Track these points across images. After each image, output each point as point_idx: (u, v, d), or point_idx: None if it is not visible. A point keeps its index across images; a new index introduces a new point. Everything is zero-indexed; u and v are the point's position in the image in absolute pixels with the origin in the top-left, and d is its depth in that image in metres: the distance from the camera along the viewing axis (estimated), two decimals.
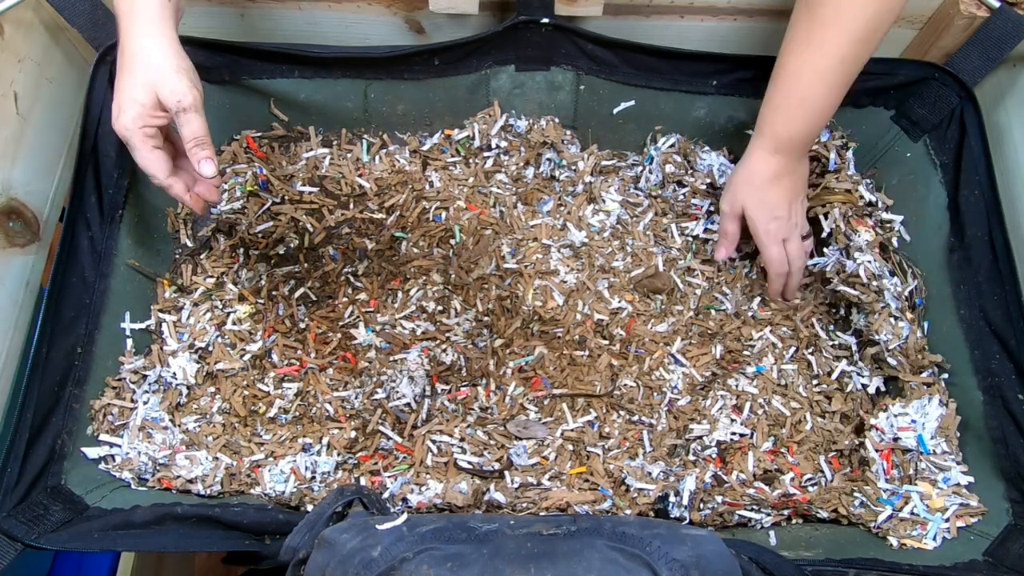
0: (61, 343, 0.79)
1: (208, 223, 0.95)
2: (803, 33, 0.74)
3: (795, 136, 0.80)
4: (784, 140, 0.80)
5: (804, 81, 0.76)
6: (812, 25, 0.73)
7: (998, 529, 0.75)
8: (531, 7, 0.86)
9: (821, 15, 0.72)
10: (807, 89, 0.76)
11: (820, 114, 0.78)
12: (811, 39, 0.74)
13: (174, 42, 0.71)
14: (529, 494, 0.80)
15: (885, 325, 0.86)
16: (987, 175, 0.83)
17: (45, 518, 0.71)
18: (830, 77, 0.75)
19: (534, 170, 0.99)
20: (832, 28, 0.72)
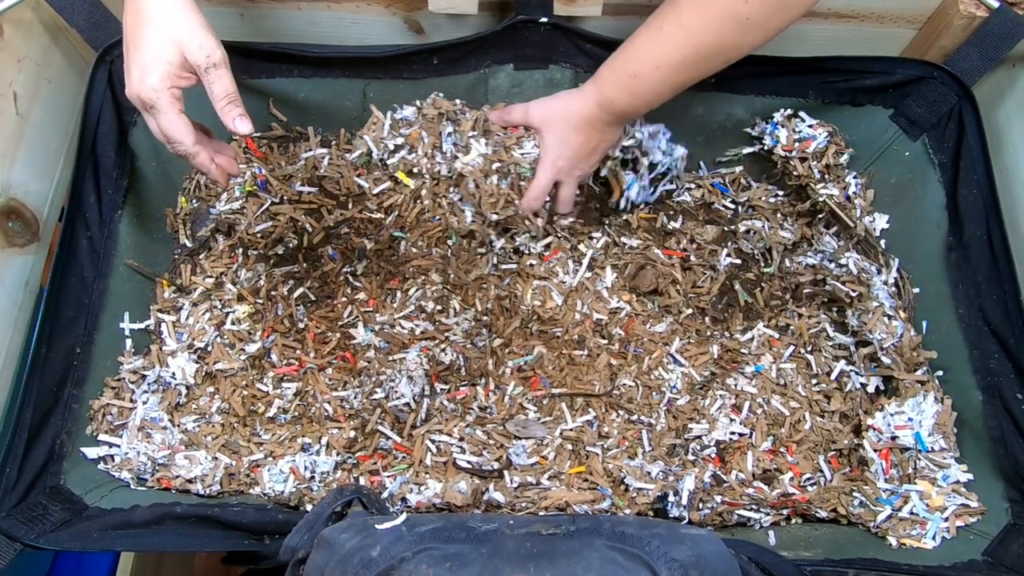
0: (60, 343, 0.79)
1: (207, 223, 0.95)
2: (661, 19, 0.75)
3: (617, 103, 0.80)
4: (607, 101, 0.81)
5: (644, 61, 0.77)
6: (670, 15, 0.74)
7: (997, 529, 0.75)
8: (530, 7, 0.86)
9: (681, 7, 0.72)
10: (642, 68, 0.77)
11: (648, 96, 0.79)
12: (664, 27, 0.74)
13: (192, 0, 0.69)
14: (528, 494, 0.80)
15: (879, 324, 0.86)
16: (986, 174, 0.83)
17: (44, 518, 0.71)
18: (666, 69, 0.76)
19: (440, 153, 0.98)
20: (684, 29, 0.73)
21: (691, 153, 1.01)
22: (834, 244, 0.95)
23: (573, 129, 0.85)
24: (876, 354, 0.86)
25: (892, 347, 0.85)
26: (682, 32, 0.73)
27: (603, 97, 0.81)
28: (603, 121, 0.83)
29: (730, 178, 1.01)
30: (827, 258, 0.94)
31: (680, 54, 0.74)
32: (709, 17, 0.71)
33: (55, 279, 0.79)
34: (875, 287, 0.89)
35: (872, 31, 0.93)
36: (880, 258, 0.92)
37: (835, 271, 0.92)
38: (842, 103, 0.92)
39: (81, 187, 0.83)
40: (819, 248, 0.96)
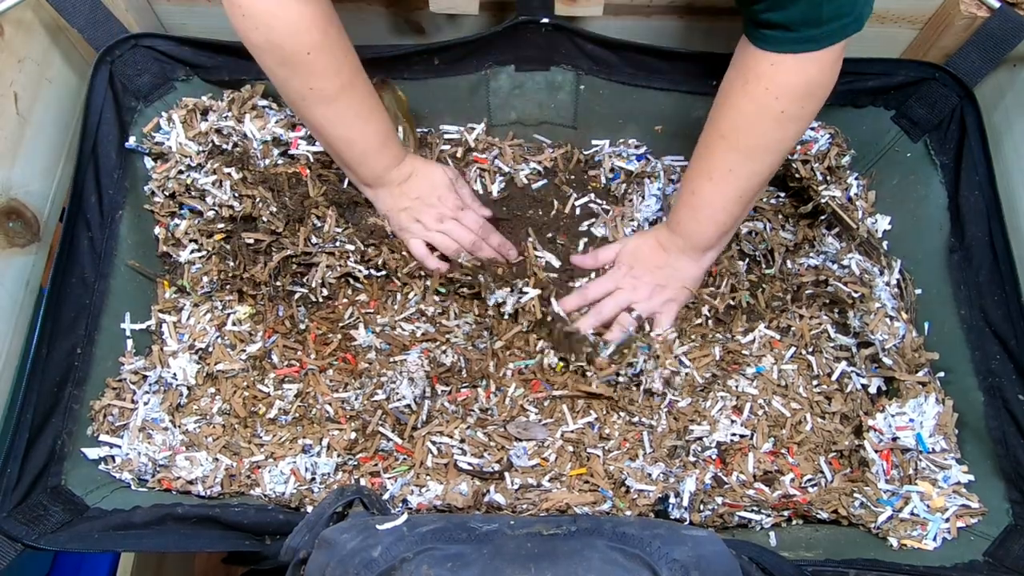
0: (61, 343, 0.79)
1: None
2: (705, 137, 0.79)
3: (684, 224, 0.84)
4: (675, 223, 0.85)
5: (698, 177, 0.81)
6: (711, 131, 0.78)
7: (998, 530, 0.75)
8: (531, 7, 0.86)
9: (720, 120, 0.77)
10: (697, 183, 0.81)
11: (709, 211, 0.81)
12: (708, 143, 0.78)
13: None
14: (529, 495, 0.80)
15: (880, 325, 0.86)
16: (987, 175, 0.83)
17: (45, 519, 0.71)
18: (719, 179, 0.79)
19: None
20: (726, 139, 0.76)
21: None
22: (836, 245, 0.95)
23: (644, 250, 0.89)
24: (878, 355, 0.86)
25: (894, 348, 0.85)
26: (724, 142, 0.76)
27: (672, 221, 0.86)
28: (674, 244, 0.86)
29: None
30: (829, 259, 0.94)
31: (727, 161, 0.77)
32: (748, 122, 0.74)
33: (56, 279, 0.79)
34: (877, 288, 0.89)
35: (873, 32, 0.93)
36: (882, 259, 0.92)
37: (837, 272, 0.92)
38: (843, 105, 0.92)
39: (82, 187, 0.83)
40: (821, 249, 0.95)
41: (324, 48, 0.74)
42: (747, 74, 0.72)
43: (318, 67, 0.75)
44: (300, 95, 0.77)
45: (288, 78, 0.76)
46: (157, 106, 0.91)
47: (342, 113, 0.79)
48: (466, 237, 0.89)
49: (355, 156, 0.84)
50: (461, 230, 0.89)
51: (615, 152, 1.01)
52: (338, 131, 0.81)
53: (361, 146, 0.83)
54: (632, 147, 1.01)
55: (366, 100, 0.81)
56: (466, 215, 0.90)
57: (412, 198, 0.88)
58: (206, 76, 0.91)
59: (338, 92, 0.77)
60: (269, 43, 0.73)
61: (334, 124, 0.80)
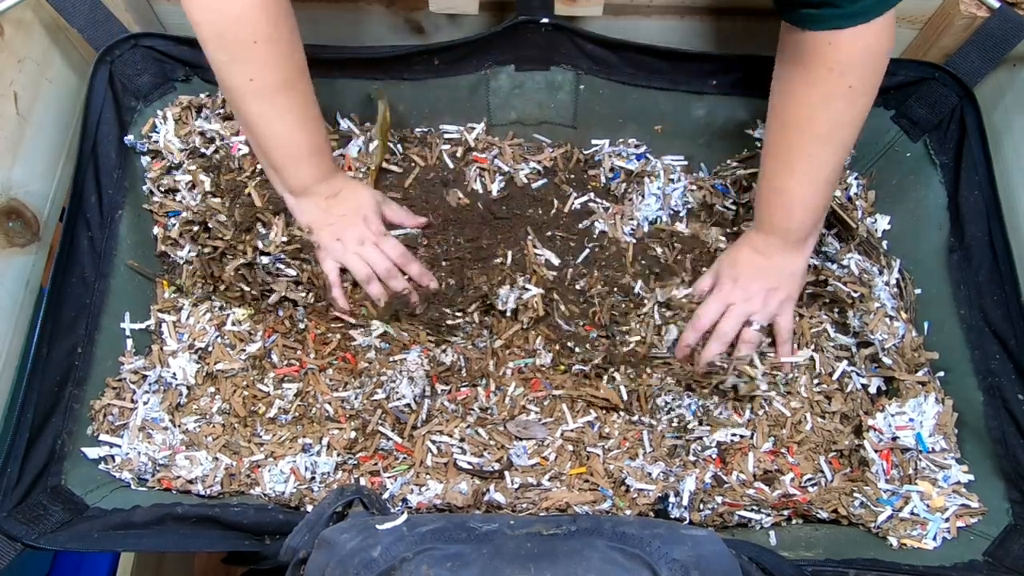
0: (61, 343, 0.79)
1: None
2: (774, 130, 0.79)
3: (774, 219, 0.82)
4: (764, 222, 0.84)
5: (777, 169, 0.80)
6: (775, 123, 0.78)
7: (998, 529, 0.75)
8: (531, 7, 0.86)
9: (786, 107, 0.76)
10: (778, 176, 0.80)
11: (798, 200, 0.80)
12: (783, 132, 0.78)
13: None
14: (529, 494, 0.80)
15: (880, 325, 0.86)
16: (987, 175, 0.83)
17: (45, 518, 0.71)
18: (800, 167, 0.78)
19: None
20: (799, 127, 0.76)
21: (693, 155, 1.01)
22: (836, 245, 0.95)
23: (741, 259, 0.86)
24: (877, 355, 0.86)
25: (894, 348, 0.85)
26: (798, 133, 0.76)
27: (760, 221, 0.84)
28: (771, 245, 0.84)
29: (731, 180, 1.01)
30: (828, 259, 0.94)
31: (806, 151, 0.76)
32: (818, 108, 0.73)
33: (56, 279, 0.79)
34: (877, 288, 0.89)
35: None
36: (882, 259, 0.92)
37: (837, 272, 0.92)
38: None
39: (82, 187, 0.83)
40: (820, 249, 0.95)
41: (272, 40, 0.72)
42: (804, 60, 0.71)
43: (261, 58, 0.72)
44: (239, 86, 0.74)
45: (228, 64, 0.73)
46: (156, 106, 0.91)
47: (279, 112, 0.77)
48: (381, 264, 0.86)
49: (285, 159, 0.80)
50: (378, 256, 0.86)
51: (615, 152, 1.01)
52: (272, 129, 0.77)
53: (293, 150, 0.80)
54: (632, 147, 1.01)
55: (306, 103, 0.79)
56: (387, 242, 0.87)
57: (337, 215, 0.85)
58: (206, 76, 0.91)
59: (278, 88, 0.75)
60: (215, 26, 0.70)
61: (269, 122, 0.77)
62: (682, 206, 0.99)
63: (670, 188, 0.98)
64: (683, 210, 0.99)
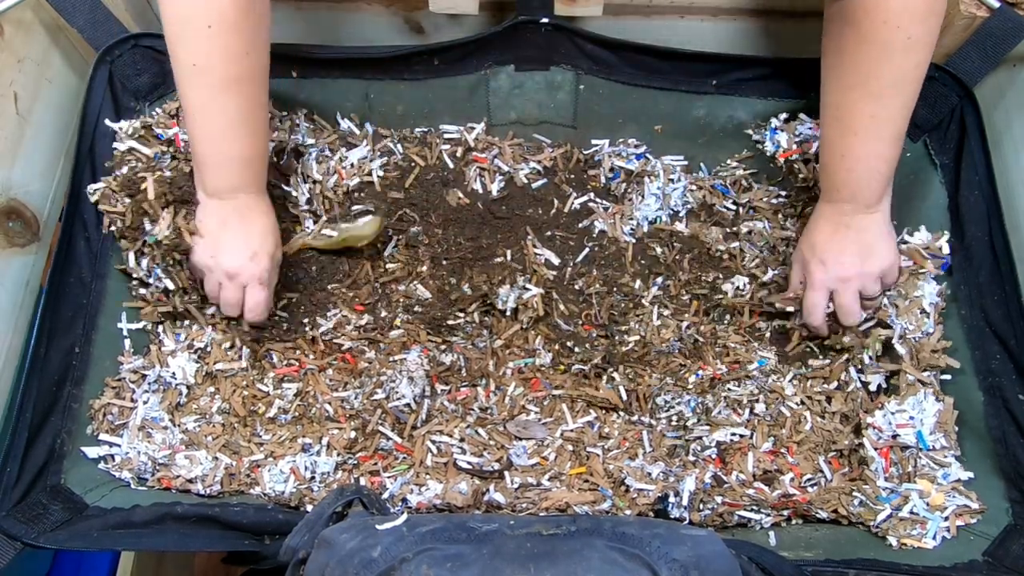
0: (59, 343, 0.79)
1: None
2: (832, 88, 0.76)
3: (842, 187, 0.80)
4: (832, 191, 0.81)
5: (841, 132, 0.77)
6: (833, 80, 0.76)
7: (998, 529, 0.75)
8: (531, 7, 0.86)
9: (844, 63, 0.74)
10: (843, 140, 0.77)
11: (866, 162, 0.78)
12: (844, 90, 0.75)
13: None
14: (529, 494, 0.80)
15: (910, 314, 0.85)
16: (987, 175, 0.83)
17: (45, 517, 0.71)
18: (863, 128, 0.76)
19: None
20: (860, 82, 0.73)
21: (693, 155, 1.01)
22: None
23: (820, 240, 0.83)
24: (891, 341, 0.85)
25: (913, 340, 0.85)
26: (857, 92, 0.74)
27: (827, 191, 0.81)
28: (843, 214, 0.81)
29: (731, 180, 1.01)
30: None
31: (868, 110, 0.74)
32: (876, 63, 0.71)
33: (54, 279, 0.79)
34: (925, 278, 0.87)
35: None
36: None
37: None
38: None
39: (80, 187, 0.83)
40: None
41: (231, 31, 0.68)
42: (856, 18, 0.69)
43: (211, 43, 0.68)
44: (183, 67, 0.70)
45: (178, 41, 0.70)
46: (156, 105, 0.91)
47: (219, 108, 0.72)
48: (227, 309, 0.83)
49: (209, 158, 0.76)
50: (233, 301, 0.82)
51: (615, 152, 1.01)
52: (207, 123, 0.73)
53: (222, 151, 0.75)
54: (632, 147, 1.01)
55: (251, 107, 0.74)
56: (255, 291, 0.81)
57: (231, 234, 0.79)
58: None
59: (224, 83, 0.71)
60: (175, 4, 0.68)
61: (204, 115, 0.73)
62: (682, 206, 0.99)
63: (670, 188, 0.98)
64: (683, 210, 0.99)
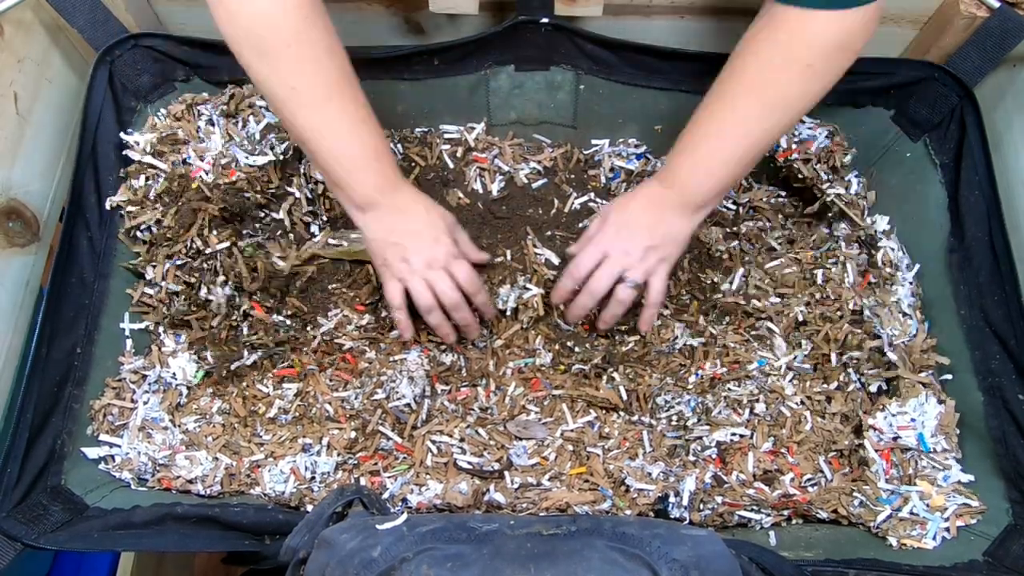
0: (61, 343, 0.79)
1: None
2: (720, 82, 0.75)
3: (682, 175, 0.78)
4: (670, 174, 0.79)
5: (706, 125, 0.76)
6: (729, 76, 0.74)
7: (998, 529, 0.75)
8: (531, 7, 0.86)
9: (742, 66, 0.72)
10: (706, 132, 0.76)
11: (714, 165, 0.76)
12: (725, 88, 0.74)
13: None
14: (529, 494, 0.80)
15: (892, 320, 0.86)
16: (987, 175, 0.83)
17: (45, 518, 0.71)
18: (731, 131, 0.74)
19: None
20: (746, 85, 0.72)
21: None
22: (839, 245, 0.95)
23: (632, 208, 0.81)
24: (883, 349, 0.86)
25: (902, 345, 0.85)
26: (743, 91, 0.72)
27: (665, 172, 0.80)
28: (666, 200, 0.79)
29: None
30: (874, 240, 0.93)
31: (744, 113, 0.73)
32: (773, 71, 0.70)
33: (55, 279, 0.79)
34: (899, 281, 0.88)
35: None
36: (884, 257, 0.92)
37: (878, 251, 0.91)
38: (843, 104, 0.92)
39: (81, 187, 0.83)
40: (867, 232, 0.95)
41: (306, 40, 0.68)
42: (775, 24, 0.69)
43: (299, 61, 0.68)
44: (282, 96, 0.70)
45: (268, 75, 0.69)
46: (156, 106, 0.91)
47: (330, 119, 0.72)
48: (449, 295, 0.81)
49: (343, 171, 0.75)
50: (446, 284, 0.81)
51: (615, 152, 1.02)
52: (326, 140, 0.73)
53: (351, 160, 0.75)
54: (632, 147, 1.01)
55: (356, 106, 0.74)
56: (459, 266, 0.81)
57: (404, 232, 0.79)
58: (206, 76, 0.91)
59: (323, 94, 0.71)
60: (246, 32, 0.67)
61: (322, 133, 0.73)
62: None
63: None
64: None
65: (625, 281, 0.81)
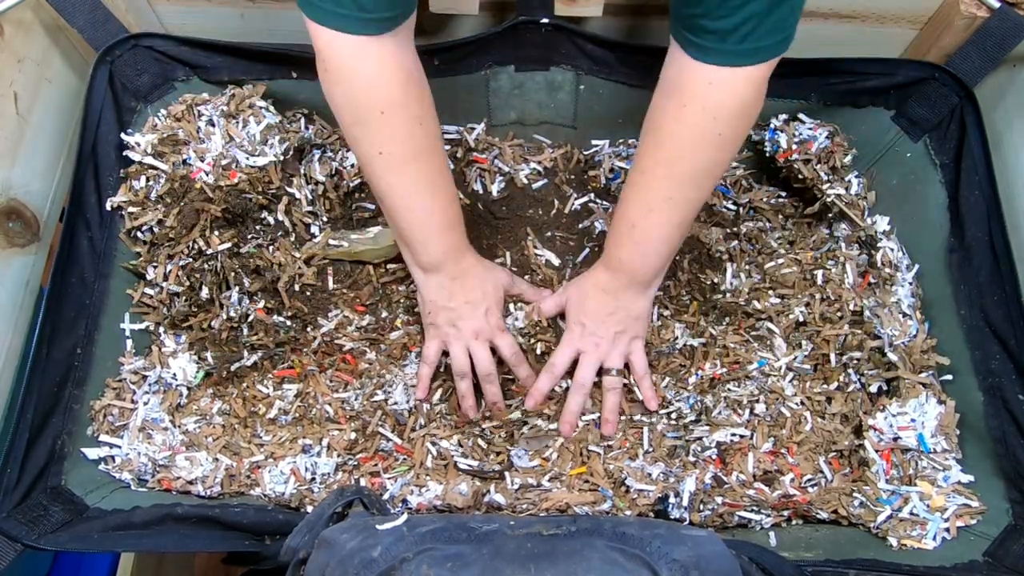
0: (61, 343, 0.79)
1: None
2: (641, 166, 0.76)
3: (624, 259, 0.81)
4: (614, 260, 0.82)
5: (634, 207, 0.78)
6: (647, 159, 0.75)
7: (998, 529, 0.75)
8: (531, 7, 0.86)
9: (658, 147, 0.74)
10: (635, 215, 0.78)
11: (652, 243, 0.79)
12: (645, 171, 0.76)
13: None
14: (529, 495, 0.80)
15: (893, 321, 0.86)
16: (987, 175, 0.83)
17: (45, 519, 0.71)
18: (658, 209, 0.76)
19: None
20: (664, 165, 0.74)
21: None
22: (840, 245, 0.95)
23: (587, 298, 0.85)
24: (883, 349, 0.86)
25: (902, 345, 0.85)
26: (662, 170, 0.74)
27: (609, 258, 0.83)
28: (617, 284, 0.83)
29: (731, 180, 1.01)
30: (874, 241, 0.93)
31: (666, 190, 0.75)
32: (687, 148, 0.72)
33: (56, 279, 0.79)
34: (898, 281, 0.88)
35: (872, 32, 0.93)
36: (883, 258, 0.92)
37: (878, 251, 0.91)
38: (843, 105, 0.92)
39: (81, 187, 0.83)
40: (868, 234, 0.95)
41: (401, 107, 0.71)
42: (682, 95, 0.70)
43: (390, 127, 0.71)
44: (370, 158, 0.74)
45: (360, 138, 0.73)
46: (156, 106, 0.91)
47: (410, 183, 0.75)
48: (485, 364, 0.83)
49: (415, 233, 0.78)
50: (486, 355, 0.83)
51: (615, 152, 1.02)
52: (403, 201, 0.76)
53: (424, 224, 0.78)
54: (632, 147, 1.01)
55: (437, 173, 0.77)
56: (503, 339, 0.84)
57: (460, 301, 0.82)
58: (206, 76, 0.91)
59: (408, 159, 0.74)
60: (347, 98, 0.70)
61: (400, 195, 0.76)
62: None
63: None
64: None
65: (609, 372, 0.85)
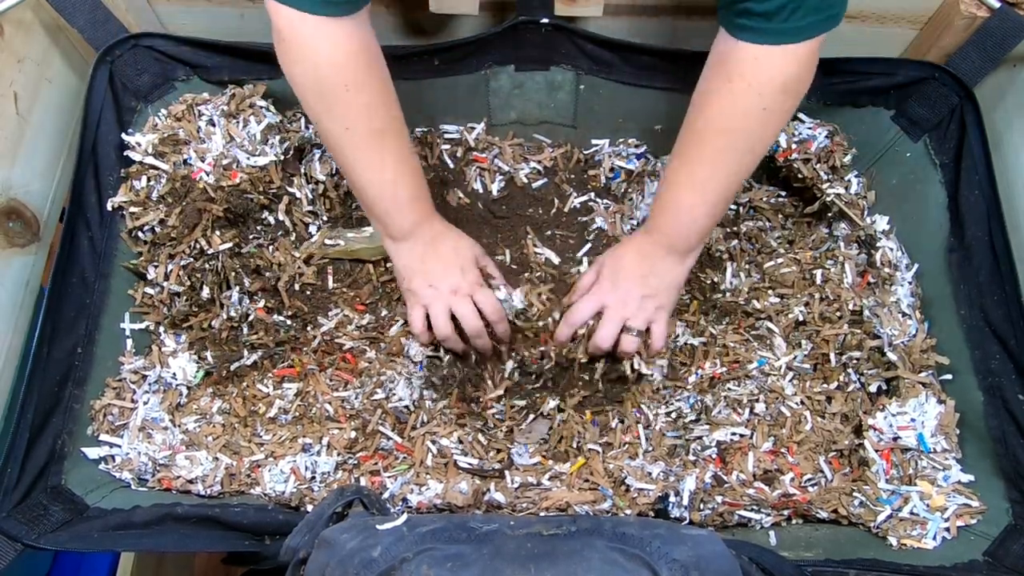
0: (61, 343, 0.79)
1: None
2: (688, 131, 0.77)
3: (664, 225, 0.81)
4: (655, 226, 0.82)
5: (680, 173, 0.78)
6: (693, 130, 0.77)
7: (998, 529, 0.75)
8: (531, 7, 0.86)
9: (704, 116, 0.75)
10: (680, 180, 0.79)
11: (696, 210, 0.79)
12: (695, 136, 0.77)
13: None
14: (529, 494, 0.80)
15: (892, 320, 0.86)
16: (987, 175, 0.83)
17: (45, 518, 0.71)
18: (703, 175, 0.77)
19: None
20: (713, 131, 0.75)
21: None
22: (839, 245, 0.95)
23: (625, 261, 0.84)
24: (883, 349, 0.86)
25: (902, 345, 0.85)
26: (707, 143, 0.75)
27: (650, 224, 0.83)
28: (656, 249, 0.82)
29: None
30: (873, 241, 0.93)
31: (711, 162, 0.76)
32: (732, 122, 0.73)
33: (56, 279, 0.79)
34: (897, 281, 0.89)
35: (872, 32, 0.93)
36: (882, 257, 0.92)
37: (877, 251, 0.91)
38: (843, 104, 0.92)
39: (81, 187, 0.83)
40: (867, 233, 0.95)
41: (364, 86, 0.72)
42: (729, 71, 0.71)
43: (356, 104, 0.73)
44: (335, 134, 0.75)
45: (324, 115, 0.74)
46: (157, 106, 0.91)
47: (376, 159, 0.77)
48: (471, 321, 0.82)
49: (383, 207, 0.80)
50: (469, 310, 0.82)
51: (615, 151, 1.02)
52: (370, 176, 0.78)
53: (392, 197, 0.79)
54: (632, 146, 1.01)
55: (401, 148, 0.78)
56: (483, 295, 0.83)
57: (432, 262, 0.83)
58: (206, 76, 0.91)
59: (373, 135, 0.75)
60: (308, 76, 0.71)
61: (366, 169, 0.77)
62: None
63: None
64: None
65: (629, 331, 0.83)
